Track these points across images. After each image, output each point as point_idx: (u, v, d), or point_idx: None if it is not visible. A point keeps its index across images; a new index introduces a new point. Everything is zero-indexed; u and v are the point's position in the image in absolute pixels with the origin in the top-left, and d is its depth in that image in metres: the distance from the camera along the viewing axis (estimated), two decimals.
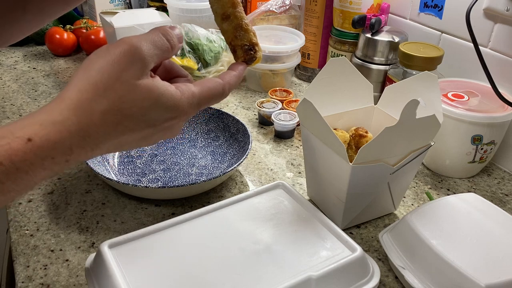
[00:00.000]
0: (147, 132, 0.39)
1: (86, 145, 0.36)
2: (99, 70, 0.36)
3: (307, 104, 0.56)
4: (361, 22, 0.92)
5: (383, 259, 0.59)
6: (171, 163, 0.75)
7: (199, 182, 0.64)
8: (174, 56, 0.98)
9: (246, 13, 1.16)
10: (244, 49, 0.45)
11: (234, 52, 0.46)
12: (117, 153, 0.76)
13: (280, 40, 1.03)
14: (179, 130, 0.43)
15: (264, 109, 0.87)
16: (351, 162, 0.55)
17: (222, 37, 1.07)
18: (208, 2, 0.49)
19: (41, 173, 0.34)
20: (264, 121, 0.89)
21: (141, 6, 1.39)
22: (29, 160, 0.33)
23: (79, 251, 0.58)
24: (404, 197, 0.71)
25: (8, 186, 0.33)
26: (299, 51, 1.04)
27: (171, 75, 0.45)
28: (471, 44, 0.72)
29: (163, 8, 1.19)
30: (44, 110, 0.35)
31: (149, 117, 0.38)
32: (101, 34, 1.15)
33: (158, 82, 0.38)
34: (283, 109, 0.88)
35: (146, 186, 0.64)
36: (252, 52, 0.45)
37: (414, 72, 0.79)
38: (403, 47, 0.80)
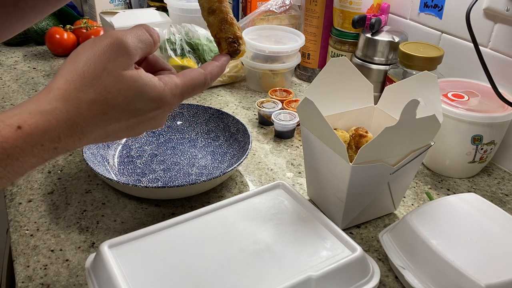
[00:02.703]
0: (132, 122, 0.40)
1: (73, 134, 0.37)
2: (86, 62, 0.37)
3: (308, 103, 0.56)
4: (361, 22, 0.92)
5: (383, 259, 0.59)
6: (171, 163, 0.75)
7: (199, 182, 0.64)
8: (174, 56, 0.98)
9: (246, 13, 1.16)
10: (228, 41, 0.47)
11: (219, 44, 0.48)
12: (117, 152, 0.76)
13: (280, 40, 1.03)
14: (164, 121, 0.44)
15: (264, 109, 0.87)
16: (351, 162, 0.55)
17: None
18: None
19: (31, 160, 0.35)
20: (264, 121, 0.89)
21: (141, 6, 1.39)
22: (19, 147, 0.34)
23: (79, 251, 0.58)
24: (404, 197, 0.71)
25: (0, 172, 0.34)
26: (299, 51, 1.04)
27: (155, 69, 0.46)
28: (471, 44, 0.72)
29: (163, 8, 1.19)
30: (33, 100, 0.36)
31: (134, 107, 0.39)
32: (101, 34, 1.15)
33: (142, 73, 0.39)
34: (283, 109, 0.88)
35: (146, 186, 0.64)
36: (236, 45, 0.47)
37: (414, 72, 0.79)
38: (403, 47, 0.80)
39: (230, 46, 0.47)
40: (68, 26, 1.19)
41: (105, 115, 0.38)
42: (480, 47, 0.71)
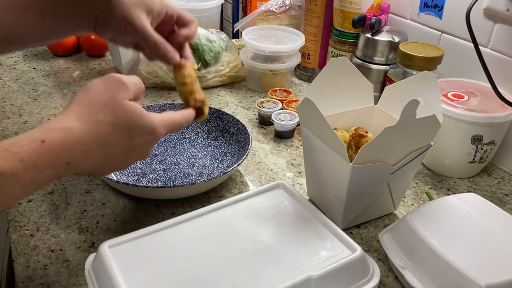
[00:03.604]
0: (128, 146, 0.48)
1: (83, 151, 0.44)
2: (96, 91, 0.47)
3: (308, 103, 0.56)
4: (361, 22, 0.92)
5: (383, 259, 0.59)
6: (171, 163, 0.75)
7: (199, 182, 0.64)
8: None
9: (246, 13, 1.16)
10: (196, 102, 0.58)
11: (186, 104, 0.59)
12: None
13: (280, 40, 1.03)
14: (150, 151, 0.52)
15: (264, 109, 0.87)
16: (351, 162, 0.55)
17: (222, 37, 1.07)
18: (208, 2, 0.56)
19: (50, 173, 0.41)
20: (264, 121, 0.89)
21: None
22: (43, 158, 0.41)
23: (79, 251, 0.58)
24: (404, 197, 0.71)
25: (26, 181, 0.40)
26: (299, 51, 1.04)
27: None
28: (471, 44, 0.72)
29: None
30: (53, 120, 0.44)
31: (132, 132, 0.47)
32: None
33: (138, 106, 0.48)
34: (283, 109, 0.88)
35: (146, 186, 0.64)
36: (200, 105, 0.58)
37: (414, 72, 0.79)
38: (403, 47, 0.80)
39: (196, 106, 0.58)
40: None
41: (109, 135, 0.46)
42: (480, 47, 0.71)
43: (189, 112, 0.56)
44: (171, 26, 0.63)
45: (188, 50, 0.64)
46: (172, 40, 0.62)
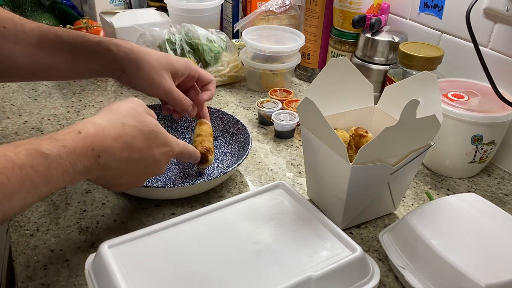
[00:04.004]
0: (149, 153, 0.54)
1: (110, 147, 0.49)
2: (120, 105, 0.54)
3: (309, 103, 0.56)
4: (361, 22, 0.92)
5: (383, 259, 0.59)
6: (171, 163, 0.75)
7: (199, 182, 0.64)
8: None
9: (246, 13, 1.16)
10: (202, 150, 0.68)
11: (195, 147, 0.69)
12: None
13: (280, 40, 1.03)
14: (165, 166, 0.58)
15: (264, 109, 0.87)
16: (351, 162, 0.55)
17: (222, 37, 1.07)
18: (208, 2, 0.61)
19: (84, 163, 0.46)
20: (264, 121, 0.89)
21: (141, 6, 1.39)
22: (80, 147, 0.46)
23: (79, 251, 0.58)
24: (404, 197, 0.71)
25: (67, 166, 0.44)
26: (299, 51, 1.04)
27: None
28: (471, 44, 0.72)
29: (163, 8, 1.19)
30: (84, 120, 0.50)
31: (152, 141, 0.54)
32: (101, 34, 1.15)
33: (157, 121, 0.57)
34: (283, 109, 0.88)
35: (146, 186, 0.64)
36: (205, 151, 0.68)
37: (414, 72, 0.79)
38: (403, 47, 0.80)
39: (202, 151, 0.68)
40: (68, 26, 1.19)
41: (133, 137, 0.52)
42: (480, 47, 0.71)
43: (197, 151, 0.65)
44: (191, 83, 0.73)
45: (205, 109, 0.75)
46: (192, 96, 0.72)
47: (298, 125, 0.85)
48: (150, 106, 0.81)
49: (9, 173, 0.40)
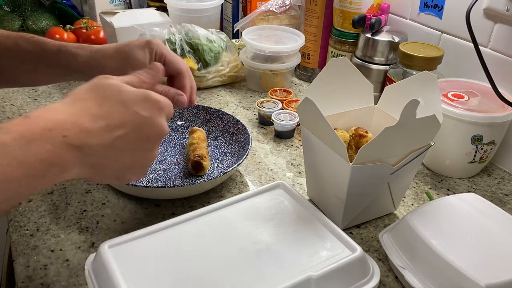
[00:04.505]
0: (135, 116, 0.44)
1: (76, 122, 0.41)
2: (81, 87, 0.45)
3: (308, 103, 0.56)
4: (361, 22, 0.92)
5: (383, 259, 0.59)
6: (171, 163, 0.75)
7: (199, 182, 0.64)
8: None
9: (246, 13, 1.16)
10: (194, 158, 0.70)
11: (188, 156, 0.72)
12: None
13: (280, 40, 1.03)
14: (162, 124, 0.47)
15: (264, 109, 0.87)
16: (351, 162, 0.55)
17: (222, 37, 1.07)
18: (208, 2, 0.57)
19: (46, 146, 0.39)
20: (264, 121, 0.89)
21: (141, 6, 1.39)
22: (30, 129, 0.38)
23: (79, 251, 0.58)
24: (404, 197, 0.71)
25: (19, 153, 0.37)
26: (299, 51, 1.04)
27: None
28: (471, 44, 0.72)
29: (163, 8, 1.19)
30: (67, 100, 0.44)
31: (130, 100, 0.44)
32: (101, 34, 1.15)
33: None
34: (283, 109, 0.88)
35: (146, 186, 0.64)
36: (198, 159, 0.70)
37: (414, 72, 0.79)
38: (403, 47, 0.80)
39: (194, 159, 0.69)
40: (68, 26, 1.19)
41: (100, 106, 0.43)
42: (480, 47, 0.71)
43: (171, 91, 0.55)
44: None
45: (192, 83, 0.61)
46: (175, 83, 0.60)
47: (298, 125, 0.85)
48: None
49: None
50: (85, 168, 0.42)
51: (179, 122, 0.83)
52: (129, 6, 1.36)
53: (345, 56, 0.89)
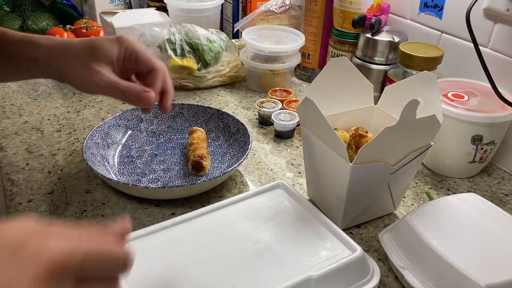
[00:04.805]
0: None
1: None
2: None
3: (308, 103, 0.56)
4: (361, 22, 0.92)
5: (383, 259, 0.59)
6: (171, 163, 0.75)
7: (199, 182, 0.64)
8: (174, 56, 0.98)
9: (246, 13, 1.16)
10: (194, 158, 0.70)
11: (188, 155, 0.72)
12: (117, 153, 0.76)
13: (280, 40, 1.03)
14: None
15: (264, 109, 0.87)
16: (351, 162, 0.55)
17: (222, 37, 1.07)
18: (208, 2, 0.56)
19: None
20: (264, 121, 0.89)
21: (141, 6, 1.39)
22: None
23: None
24: (404, 197, 0.71)
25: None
26: (299, 51, 1.04)
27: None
28: (471, 44, 0.72)
29: (163, 8, 1.19)
30: None
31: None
32: (101, 34, 1.15)
33: None
34: (283, 109, 0.88)
35: (146, 186, 0.64)
36: (198, 159, 0.70)
37: (414, 72, 0.79)
38: (403, 47, 0.80)
39: (194, 159, 0.70)
40: (68, 26, 1.19)
41: None
42: (480, 47, 0.71)
43: None
44: (133, 64, 0.58)
45: (168, 97, 0.59)
46: (146, 81, 0.57)
47: (298, 125, 0.85)
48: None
49: None
50: None
51: (179, 122, 0.83)
52: (129, 6, 1.37)
53: (345, 56, 0.89)
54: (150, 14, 1.12)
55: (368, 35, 0.91)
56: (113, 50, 0.55)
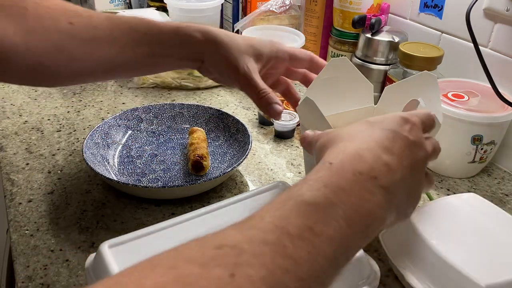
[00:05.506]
0: (408, 139, 0.41)
1: (375, 159, 0.37)
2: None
3: (309, 103, 0.55)
4: (361, 22, 0.92)
5: (383, 259, 0.59)
6: (171, 163, 0.75)
7: (199, 182, 0.64)
8: None
9: (246, 13, 1.16)
10: (194, 158, 0.70)
11: (188, 156, 0.72)
12: (117, 153, 0.76)
13: (280, 40, 1.03)
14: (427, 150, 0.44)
15: None
16: None
17: None
18: (208, 2, 0.56)
19: (363, 194, 0.35)
20: (264, 121, 0.89)
21: (141, 6, 1.39)
22: (343, 177, 0.35)
23: (79, 251, 0.58)
24: None
25: (345, 209, 0.33)
26: None
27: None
28: (471, 44, 0.72)
29: (163, 8, 1.19)
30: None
31: (399, 126, 0.41)
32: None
33: None
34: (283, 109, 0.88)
35: (146, 186, 0.64)
36: (198, 159, 0.70)
37: (414, 72, 0.79)
38: (403, 47, 0.80)
39: (194, 159, 0.69)
40: None
41: (381, 133, 0.41)
42: (480, 47, 0.71)
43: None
44: (282, 69, 0.63)
45: (294, 92, 0.65)
46: (281, 89, 0.63)
47: (298, 125, 0.85)
48: (150, 107, 0.81)
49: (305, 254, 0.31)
50: (392, 213, 0.37)
51: (179, 122, 0.83)
52: (129, 6, 1.37)
53: (345, 56, 0.89)
54: (150, 14, 1.12)
55: (368, 35, 0.91)
56: (266, 51, 0.58)
